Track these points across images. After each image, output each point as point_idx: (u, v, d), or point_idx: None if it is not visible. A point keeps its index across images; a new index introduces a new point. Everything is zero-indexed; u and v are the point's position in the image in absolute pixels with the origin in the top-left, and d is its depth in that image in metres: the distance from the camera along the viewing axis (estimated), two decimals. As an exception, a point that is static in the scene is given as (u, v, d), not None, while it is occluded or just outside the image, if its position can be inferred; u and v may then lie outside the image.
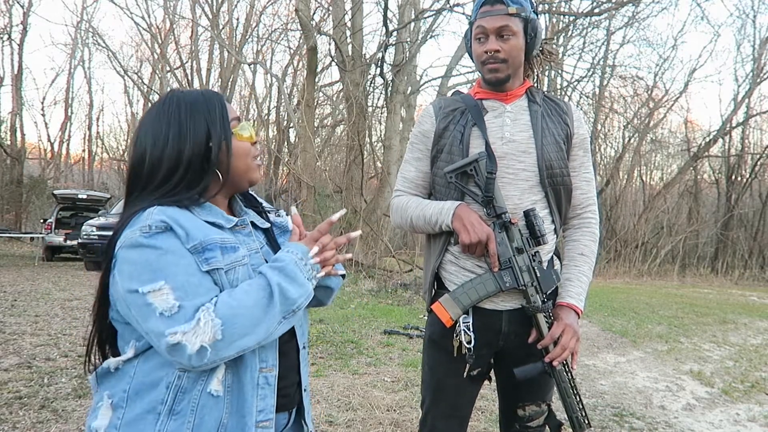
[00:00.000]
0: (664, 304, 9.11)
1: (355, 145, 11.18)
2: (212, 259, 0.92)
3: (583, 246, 1.51)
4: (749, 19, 20.95)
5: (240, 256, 0.97)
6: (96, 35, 20.25)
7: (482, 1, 1.43)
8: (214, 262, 0.92)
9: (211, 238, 0.94)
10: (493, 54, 1.41)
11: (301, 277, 0.96)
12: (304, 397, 1.12)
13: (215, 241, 0.94)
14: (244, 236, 1.04)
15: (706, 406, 3.67)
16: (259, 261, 1.02)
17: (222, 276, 0.94)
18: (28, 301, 6.28)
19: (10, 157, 18.09)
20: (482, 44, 1.43)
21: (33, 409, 2.89)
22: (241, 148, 1.04)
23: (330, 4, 11.81)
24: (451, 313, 1.38)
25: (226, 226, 1.01)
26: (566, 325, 1.38)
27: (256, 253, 1.04)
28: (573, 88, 16.27)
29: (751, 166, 18.37)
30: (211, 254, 0.93)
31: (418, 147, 1.53)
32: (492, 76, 1.44)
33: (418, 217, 1.48)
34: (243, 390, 0.96)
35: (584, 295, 1.46)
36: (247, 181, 1.07)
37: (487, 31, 1.42)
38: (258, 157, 1.07)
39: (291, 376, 1.08)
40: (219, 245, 0.95)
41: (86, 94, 34.61)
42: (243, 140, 1.04)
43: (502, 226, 1.39)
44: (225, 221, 1.01)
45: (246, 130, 1.05)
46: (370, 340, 4.98)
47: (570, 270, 1.48)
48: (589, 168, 1.54)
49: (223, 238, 0.97)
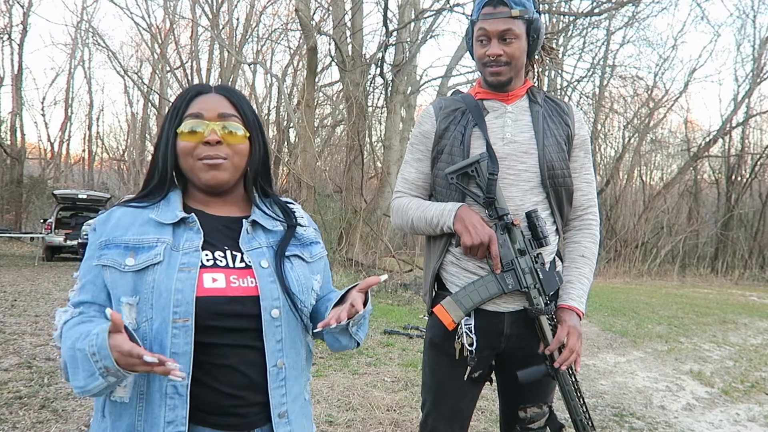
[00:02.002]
0: (664, 304, 9.11)
1: (355, 145, 11.17)
2: (104, 256, 0.95)
3: (584, 248, 1.50)
4: (749, 19, 20.96)
5: (153, 254, 0.93)
6: (96, 35, 20.26)
7: (484, 2, 1.40)
8: (105, 259, 0.94)
9: (119, 237, 0.96)
10: (495, 58, 1.40)
11: (87, 372, 0.82)
12: (276, 424, 0.97)
13: (123, 241, 0.95)
14: (191, 232, 0.98)
15: (706, 406, 3.67)
16: (191, 261, 0.93)
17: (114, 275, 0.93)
18: (28, 301, 6.28)
19: (10, 157, 18.08)
20: (484, 47, 1.42)
21: (33, 409, 2.89)
22: (181, 147, 1.00)
23: (330, 4, 11.80)
24: (453, 316, 1.37)
25: (167, 222, 0.97)
26: (570, 327, 1.37)
27: (195, 252, 0.95)
28: (573, 88, 16.27)
29: (751, 166, 18.38)
30: (107, 251, 0.95)
31: (418, 148, 1.53)
32: (494, 78, 1.44)
33: (419, 218, 1.47)
34: (151, 398, 0.90)
35: (585, 297, 1.46)
36: (197, 181, 1.01)
37: (489, 34, 1.40)
38: (207, 159, 0.98)
39: (248, 395, 0.95)
40: (127, 245, 0.95)
41: (86, 94, 34.79)
42: (184, 138, 0.99)
43: (504, 227, 1.38)
44: (171, 218, 0.98)
45: (192, 128, 0.99)
46: (370, 340, 4.98)
47: (571, 272, 1.48)
48: (589, 169, 1.54)
49: (143, 237, 0.95)
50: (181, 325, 0.89)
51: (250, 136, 1.04)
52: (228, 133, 1.00)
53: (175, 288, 0.90)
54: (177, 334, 0.89)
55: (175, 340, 0.89)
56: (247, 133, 1.03)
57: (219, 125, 0.99)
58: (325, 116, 17.84)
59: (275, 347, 0.97)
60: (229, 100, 1.03)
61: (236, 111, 1.03)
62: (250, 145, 1.05)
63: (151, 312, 0.90)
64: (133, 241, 0.95)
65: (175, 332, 0.89)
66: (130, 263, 0.92)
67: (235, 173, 1.03)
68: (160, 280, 0.91)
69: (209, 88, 1.04)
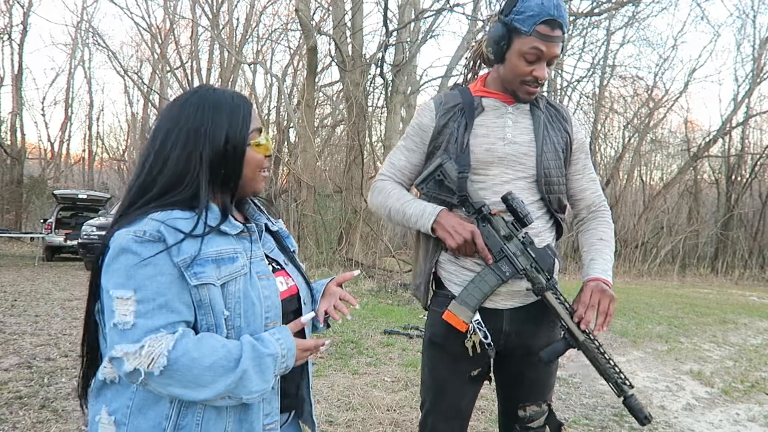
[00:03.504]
0: (664, 304, 9.11)
1: (355, 145, 11.17)
2: (201, 275, 0.89)
3: (601, 232, 1.51)
4: (749, 19, 20.91)
5: (239, 266, 0.94)
6: (96, 35, 20.24)
7: (543, 19, 1.32)
8: (204, 278, 0.89)
9: (204, 252, 0.91)
10: (542, 81, 1.39)
11: (270, 373, 0.91)
12: (310, 402, 1.15)
13: (209, 255, 0.91)
14: (249, 243, 1.01)
15: (706, 406, 3.67)
16: (264, 269, 1.01)
17: (213, 291, 0.90)
18: (28, 301, 6.27)
19: (10, 157, 18.09)
20: (531, 65, 1.37)
21: (33, 409, 2.89)
22: (254, 158, 1.02)
23: (330, 4, 11.80)
24: (463, 318, 1.37)
25: (231, 232, 0.97)
26: (593, 288, 1.36)
27: (261, 260, 1.01)
28: (573, 88, 16.29)
29: (751, 166, 18.38)
30: (200, 269, 0.89)
31: (413, 138, 1.52)
32: (527, 97, 1.43)
33: (398, 211, 1.48)
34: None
35: (610, 272, 1.43)
36: (251, 191, 1.06)
37: (543, 56, 1.36)
38: (266, 169, 1.07)
39: (295, 377, 1.09)
40: (213, 259, 0.92)
41: (86, 94, 34.76)
42: (259, 152, 1.03)
43: (484, 219, 1.38)
44: (230, 228, 0.98)
45: (264, 141, 1.04)
46: (370, 340, 4.98)
47: (592, 252, 1.48)
48: (592, 169, 1.56)
49: (221, 249, 0.94)
50: (272, 328, 0.97)
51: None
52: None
53: (263, 296, 0.97)
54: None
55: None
56: None
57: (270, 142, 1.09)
58: (325, 116, 17.85)
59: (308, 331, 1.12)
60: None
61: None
62: None
63: (240, 320, 0.93)
64: (214, 253, 0.92)
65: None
66: (217, 275, 0.92)
67: None
68: (246, 290, 0.94)
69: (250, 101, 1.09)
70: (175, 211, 0.92)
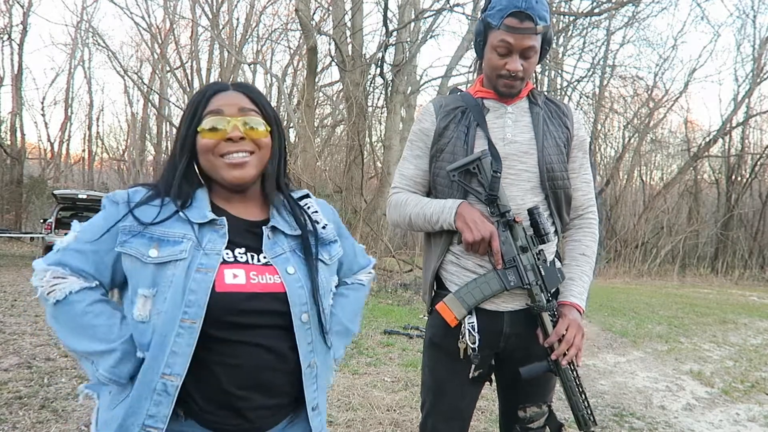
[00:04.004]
0: (664, 304, 9.11)
1: (355, 145, 11.17)
2: (127, 244, 0.94)
3: (585, 246, 1.50)
4: (749, 19, 20.95)
5: (178, 251, 0.92)
6: (96, 35, 20.22)
7: (510, 11, 1.33)
8: (128, 248, 0.93)
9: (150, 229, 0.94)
10: (515, 73, 1.39)
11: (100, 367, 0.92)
12: (312, 417, 1.04)
13: (152, 233, 0.94)
14: (215, 234, 0.96)
15: (706, 406, 3.67)
16: (209, 263, 0.93)
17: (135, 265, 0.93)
18: (28, 301, 6.27)
19: (10, 157, 18.08)
20: (503, 59, 1.38)
21: (33, 409, 2.89)
22: (202, 144, 0.99)
23: (330, 4, 11.80)
24: (455, 313, 1.37)
25: (194, 220, 0.96)
26: (570, 321, 1.37)
27: (215, 254, 0.94)
28: (573, 88, 16.25)
29: (751, 166, 18.39)
30: (132, 240, 0.94)
31: (417, 144, 1.52)
32: (506, 90, 1.43)
33: (417, 215, 1.47)
34: (141, 386, 0.90)
35: (586, 294, 1.46)
36: (220, 179, 1.01)
37: (512, 49, 1.36)
38: (229, 154, 0.98)
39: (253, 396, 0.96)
40: (156, 237, 0.93)
41: (86, 94, 34.67)
42: (206, 136, 0.98)
43: (506, 224, 1.38)
44: (200, 217, 0.97)
45: (209, 124, 0.98)
46: (370, 340, 4.98)
47: (572, 269, 1.48)
48: (588, 169, 1.54)
49: (169, 231, 0.94)
50: (187, 326, 0.89)
51: (270, 131, 1.05)
52: (250, 128, 1.00)
53: (189, 288, 0.90)
54: (182, 333, 0.89)
55: (178, 339, 0.89)
56: (268, 128, 1.04)
57: (240, 121, 0.99)
58: (325, 116, 17.84)
59: (307, 349, 1.00)
60: (248, 96, 1.03)
61: (256, 106, 1.03)
62: (272, 140, 1.05)
63: (164, 305, 0.90)
64: (159, 233, 0.94)
65: (180, 331, 0.89)
66: (153, 255, 0.92)
67: (260, 168, 1.03)
68: (179, 276, 0.90)
69: (227, 85, 1.04)
70: (144, 188, 1.01)
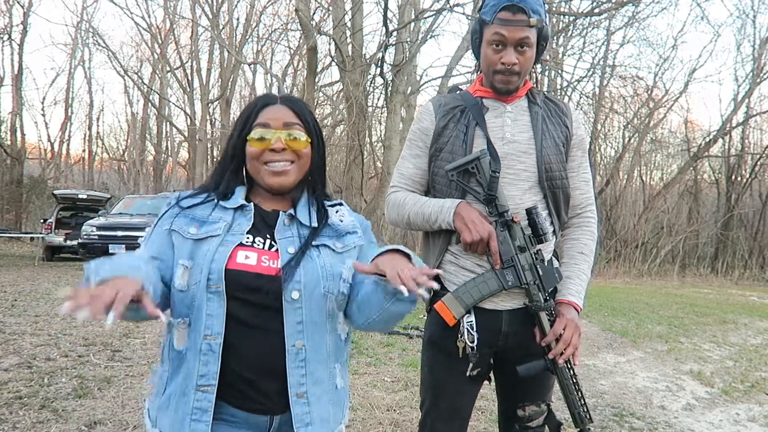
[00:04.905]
0: (664, 304, 9.11)
1: (355, 145, 11.17)
2: (174, 224, 1.10)
3: (583, 245, 1.51)
4: (749, 19, 20.93)
5: (214, 229, 1.08)
6: (96, 35, 20.26)
7: (502, 5, 1.36)
8: (175, 226, 1.10)
9: (192, 212, 1.12)
10: (510, 67, 1.39)
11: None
12: (294, 403, 1.04)
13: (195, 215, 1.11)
14: (243, 218, 1.12)
15: (706, 406, 3.67)
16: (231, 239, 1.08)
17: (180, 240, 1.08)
18: (28, 301, 6.28)
19: (10, 157, 18.08)
20: (498, 53, 1.39)
21: (33, 409, 2.89)
22: (250, 152, 1.13)
23: (330, 4, 11.80)
24: (454, 312, 1.37)
25: (229, 207, 1.12)
26: (568, 320, 1.38)
27: (240, 234, 1.09)
28: (573, 88, 16.26)
29: (751, 166, 18.39)
30: (177, 220, 1.10)
31: (416, 144, 1.52)
32: (503, 86, 1.43)
33: (416, 214, 1.47)
34: (190, 353, 1.04)
35: (584, 293, 1.46)
36: (262, 183, 1.14)
37: (506, 41, 1.37)
38: (272, 162, 1.11)
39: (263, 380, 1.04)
40: (198, 219, 1.10)
41: (86, 94, 34.73)
42: (253, 145, 1.12)
43: (504, 224, 1.38)
44: (233, 204, 1.13)
45: (257, 136, 1.11)
46: (370, 340, 4.98)
47: (570, 268, 1.48)
48: (587, 168, 1.54)
49: (210, 214, 1.11)
50: (214, 290, 1.02)
51: (311, 141, 1.16)
52: (292, 139, 1.13)
53: (213, 258, 1.04)
54: (212, 297, 1.03)
55: (210, 303, 1.02)
56: (309, 139, 1.15)
57: (284, 133, 1.12)
58: (325, 116, 17.84)
59: (295, 328, 1.05)
60: (293, 109, 1.15)
61: (299, 119, 1.15)
62: (311, 150, 1.17)
63: (199, 276, 1.04)
64: (200, 215, 1.11)
65: (210, 296, 1.03)
66: (192, 231, 1.08)
67: (299, 175, 1.16)
68: (211, 250, 1.05)
69: (275, 98, 1.16)
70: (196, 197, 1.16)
